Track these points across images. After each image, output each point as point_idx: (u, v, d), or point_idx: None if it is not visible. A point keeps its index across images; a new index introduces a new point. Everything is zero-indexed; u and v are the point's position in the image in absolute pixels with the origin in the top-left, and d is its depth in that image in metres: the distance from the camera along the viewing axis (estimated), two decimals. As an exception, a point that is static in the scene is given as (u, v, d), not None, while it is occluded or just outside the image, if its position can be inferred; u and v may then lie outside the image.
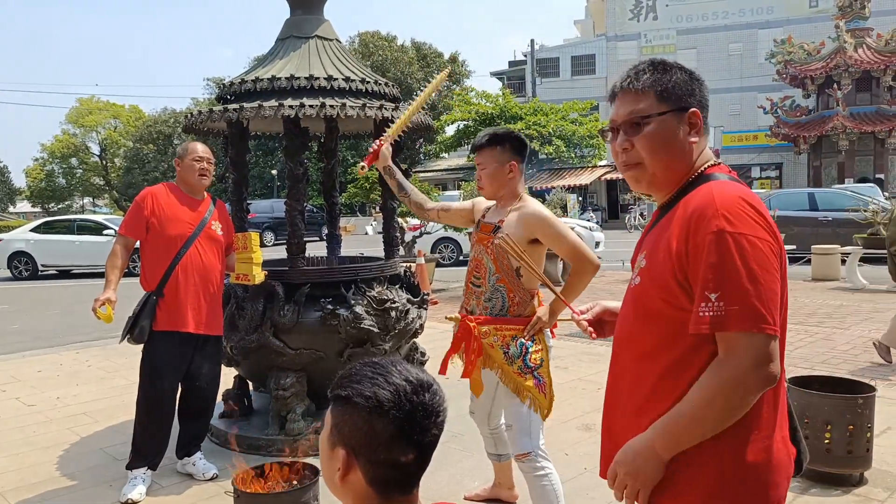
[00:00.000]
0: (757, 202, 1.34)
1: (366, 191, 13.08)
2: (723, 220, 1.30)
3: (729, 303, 1.27)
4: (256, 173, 38.94)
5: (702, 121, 1.46)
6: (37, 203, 55.13)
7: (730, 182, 1.40)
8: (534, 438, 2.76)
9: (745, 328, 1.27)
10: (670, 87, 1.45)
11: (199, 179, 3.69)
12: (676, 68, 1.48)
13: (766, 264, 1.29)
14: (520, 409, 2.76)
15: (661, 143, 1.44)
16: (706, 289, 1.30)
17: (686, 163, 1.46)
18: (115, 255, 3.59)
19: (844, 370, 5.46)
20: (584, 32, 42.39)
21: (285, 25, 4.41)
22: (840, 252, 11.06)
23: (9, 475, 3.84)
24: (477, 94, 26.80)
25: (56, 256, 15.57)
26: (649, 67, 1.48)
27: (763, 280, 1.28)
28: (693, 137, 1.46)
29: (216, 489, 3.54)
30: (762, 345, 1.28)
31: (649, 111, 1.44)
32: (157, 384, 3.58)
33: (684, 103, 1.45)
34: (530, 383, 2.75)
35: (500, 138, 2.85)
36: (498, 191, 2.88)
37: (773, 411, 1.39)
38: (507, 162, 2.83)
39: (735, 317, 1.27)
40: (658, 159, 1.45)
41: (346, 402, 1.08)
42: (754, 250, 1.28)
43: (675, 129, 1.44)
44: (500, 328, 2.78)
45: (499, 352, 2.76)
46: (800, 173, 29.59)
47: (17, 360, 6.84)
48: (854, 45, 24.04)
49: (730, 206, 1.31)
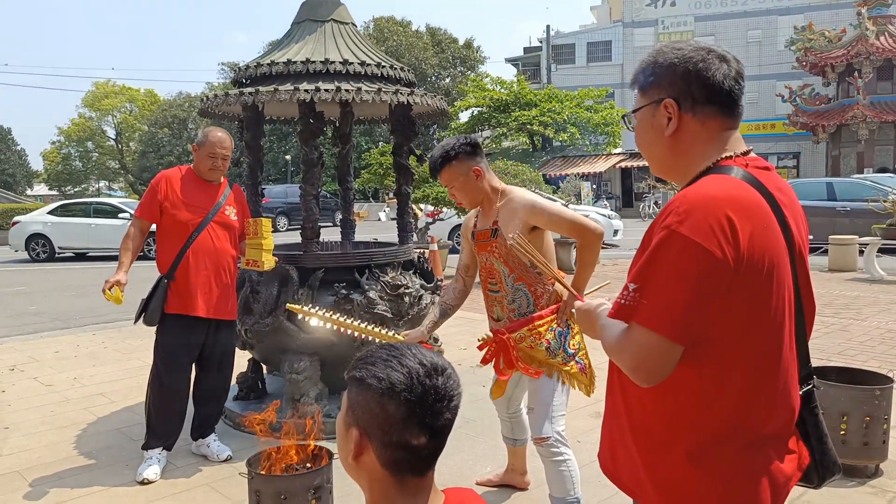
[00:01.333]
0: (739, 209, 1.24)
1: (379, 177, 13.07)
2: (677, 217, 1.24)
3: (643, 296, 1.25)
4: (271, 158, 39.05)
5: (677, 110, 1.37)
6: (53, 186, 55.65)
7: (725, 179, 1.30)
8: (555, 424, 2.74)
9: (647, 325, 1.24)
10: (653, 79, 1.40)
11: (209, 172, 3.69)
12: (671, 53, 1.39)
13: (694, 278, 1.21)
14: (543, 394, 2.74)
15: (641, 138, 1.46)
16: (631, 278, 1.29)
17: (670, 154, 1.41)
18: (129, 237, 3.62)
19: (861, 361, 5.41)
20: (600, 19, 41.98)
21: (301, 8, 4.39)
22: (858, 243, 10.94)
23: (26, 454, 3.89)
24: (491, 80, 26.67)
25: (73, 239, 15.72)
26: (642, 62, 1.45)
27: (684, 291, 1.21)
28: (669, 129, 1.38)
29: (230, 470, 3.57)
30: (655, 346, 1.23)
31: (634, 106, 1.47)
32: (170, 366, 3.62)
33: (662, 94, 1.38)
34: (574, 369, 2.76)
35: (449, 155, 2.78)
36: (476, 198, 2.85)
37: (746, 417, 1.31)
38: (468, 171, 2.78)
39: (642, 310, 1.25)
40: (645, 152, 1.48)
41: (361, 384, 1.09)
42: (690, 259, 1.21)
43: (649, 122, 1.42)
44: (533, 327, 2.73)
45: (540, 350, 2.73)
46: (818, 162, 29.24)
47: (35, 341, 6.94)
48: (876, 32, 23.66)
49: (693, 206, 1.24)
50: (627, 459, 1.44)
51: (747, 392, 1.31)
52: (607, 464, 1.55)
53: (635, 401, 1.41)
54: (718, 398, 1.30)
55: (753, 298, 1.27)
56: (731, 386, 1.30)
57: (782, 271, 1.30)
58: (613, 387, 1.50)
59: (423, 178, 11.04)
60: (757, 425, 1.32)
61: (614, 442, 1.50)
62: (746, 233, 1.23)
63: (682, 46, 1.40)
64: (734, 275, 1.23)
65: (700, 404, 1.31)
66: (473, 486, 3.34)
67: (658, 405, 1.35)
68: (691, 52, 1.37)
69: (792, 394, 1.38)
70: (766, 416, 1.33)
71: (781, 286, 1.30)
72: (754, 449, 1.32)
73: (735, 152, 1.38)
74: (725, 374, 1.29)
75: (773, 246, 1.28)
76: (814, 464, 1.41)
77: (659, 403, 1.35)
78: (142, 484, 3.45)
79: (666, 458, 1.35)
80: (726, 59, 1.37)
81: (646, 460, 1.39)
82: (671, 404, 1.33)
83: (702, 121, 1.38)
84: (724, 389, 1.30)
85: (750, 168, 1.35)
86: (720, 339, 1.27)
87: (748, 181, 1.32)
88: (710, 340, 1.27)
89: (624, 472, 1.47)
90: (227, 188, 3.80)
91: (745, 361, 1.29)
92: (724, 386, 1.30)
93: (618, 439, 1.49)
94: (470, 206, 2.91)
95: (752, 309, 1.27)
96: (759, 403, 1.32)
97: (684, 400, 1.31)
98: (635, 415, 1.41)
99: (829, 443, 1.43)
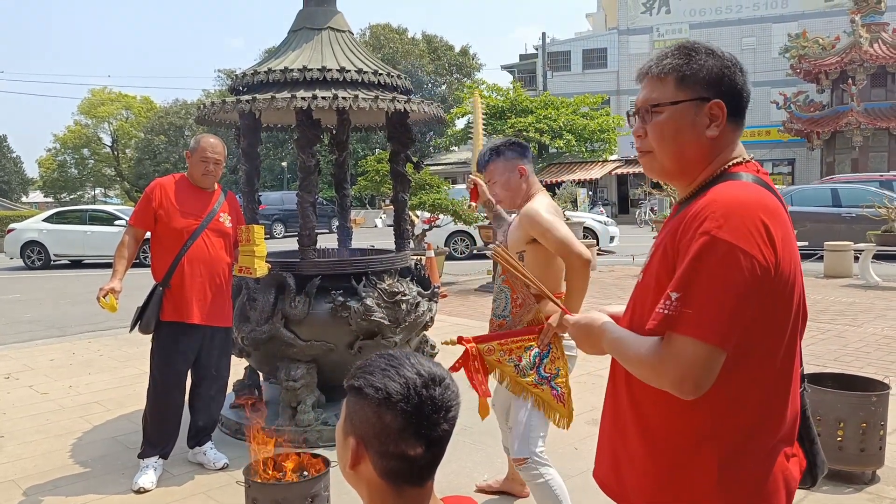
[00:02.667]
0: (770, 215, 1.23)
1: (376, 183, 13.07)
2: (716, 223, 1.21)
3: (686, 305, 1.20)
4: (267, 165, 39.02)
5: (725, 113, 1.35)
6: (49, 193, 55.51)
7: (748, 184, 1.29)
8: (531, 445, 2.69)
9: (694, 334, 1.20)
10: (691, 74, 1.35)
11: (202, 178, 3.70)
12: (705, 53, 1.36)
13: (741, 284, 1.18)
14: (520, 413, 2.72)
15: (672, 134, 1.37)
16: (672, 287, 1.24)
17: (700, 156, 1.37)
18: (124, 245, 3.63)
19: (857, 367, 5.42)
20: (595, 26, 42.14)
21: (298, 17, 4.40)
22: (853, 249, 10.96)
23: (21, 463, 3.87)
24: (488, 87, 26.69)
25: (68, 246, 15.68)
26: (675, 51, 1.39)
27: (731, 297, 1.19)
28: (711, 131, 1.34)
29: (227, 479, 3.56)
30: (702, 356, 1.19)
31: (663, 99, 1.37)
32: (166, 374, 3.62)
33: (706, 93, 1.34)
34: (548, 395, 2.69)
35: (501, 148, 2.89)
36: (515, 198, 2.88)
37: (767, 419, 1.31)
38: (514, 168, 2.85)
39: (687, 320, 1.20)
40: (665, 149, 1.39)
41: (359, 393, 1.09)
42: (736, 265, 1.18)
43: (690, 119, 1.35)
44: (505, 342, 2.73)
45: (508, 366, 2.72)
46: (813, 169, 29.34)
47: (30, 349, 6.91)
48: (869, 39, 23.77)
49: (730, 210, 1.22)
50: (638, 476, 1.40)
51: (769, 398, 1.30)
52: (609, 482, 1.51)
53: (653, 414, 1.37)
54: (746, 406, 1.29)
55: (781, 304, 1.26)
56: (757, 392, 1.29)
57: (800, 277, 1.31)
58: (619, 402, 1.46)
59: (419, 185, 11.05)
60: (774, 431, 1.32)
61: (619, 458, 1.47)
62: (779, 237, 1.23)
63: (713, 49, 1.38)
64: (772, 280, 1.22)
65: (728, 412, 1.29)
66: (472, 494, 3.33)
67: (684, 416, 1.31)
68: (729, 58, 1.38)
69: (796, 398, 1.38)
70: (780, 421, 1.33)
71: (800, 292, 1.31)
72: (773, 455, 1.32)
73: (744, 157, 1.39)
74: (754, 381, 1.28)
75: (795, 251, 1.29)
76: (808, 466, 1.43)
77: (686, 414, 1.31)
78: (137, 493, 3.43)
79: (690, 469, 1.32)
80: (744, 71, 1.41)
81: (666, 474, 1.35)
82: (700, 414, 1.29)
83: (734, 128, 1.39)
84: (751, 396, 1.29)
85: (760, 174, 1.36)
86: (753, 346, 1.26)
87: (763, 186, 1.32)
88: (744, 347, 1.25)
89: (632, 489, 1.43)
90: (222, 195, 3.81)
91: (770, 367, 1.29)
92: (750, 392, 1.29)
93: (623, 456, 1.45)
94: (508, 204, 2.94)
95: (780, 315, 1.27)
96: (777, 409, 1.32)
97: (715, 409, 1.28)
98: (652, 429, 1.37)
99: (818, 443, 1.45)
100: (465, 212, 11.20)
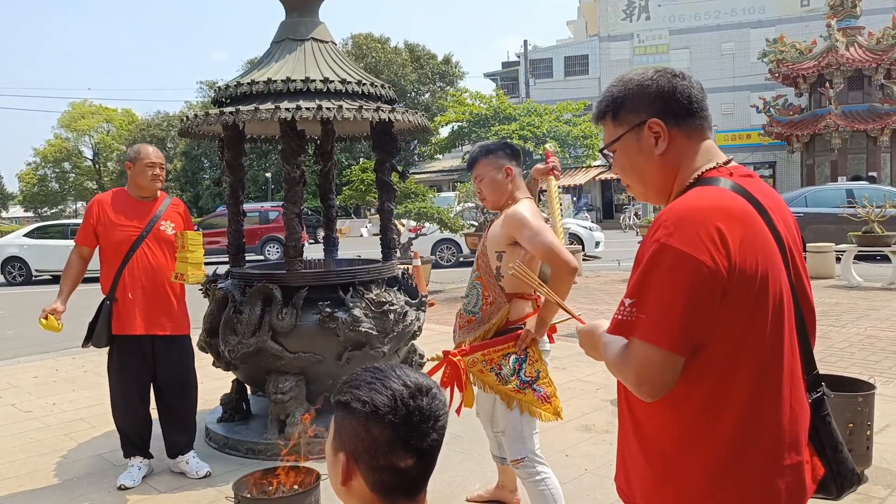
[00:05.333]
0: (728, 219, 1.26)
1: (361, 193, 13.05)
2: (667, 230, 1.25)
3: (640, 311, 1.26)
4: (251, 176, 38.83)
5: (665, 127, 1.39)
6: (29, 208, 54.91)
7: (711, 190, 1.32)
8: (527, 444, 2.75)
9: (646, 339, 1.24)
10: (619, 107, 1.43)
11: (151, 183, 3.73)
12: (628, 81, 1.44)
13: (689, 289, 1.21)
14: (511, 415, 2.76)
15: (628, 165, 1.46)
16: (627, 293, 1.30)
17: (661, 173, 1.42)
18: (70, 265, 3.71)
19: (842, 368, 5.47)
20: (576, 33, 42.45)
21: (281, 28, 4.40)
22: (835, 250, 11.08)
23: (6, 482, 3.81)
24: (471, 95, 26.77)
25: (50, 261, 15.44)
26: (605, 92, 1.48)
27: (680, 302, 1.22)
28: (659, 148, 1.40)
29: (216, 494, 3.52)
30: (656, 359, 1.23)
31: (609, 139, 1.47)
32: (121, 387, 3.68)
33: (639, 118, 1.41)
34: (531, 397, 2.74)
35: (492, 148, 2.93)
36: (500, 199, 2.91)
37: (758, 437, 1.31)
38: (501, 168, 2.88)
39: (640, 325, 1.25)
40: (631, 179, 1.48)
41: (346, 408, 1.08)
42: (683, 270, 1.22)
43: (635, 147, 1.42)
44: (487, 353, 2.76)
45: (490, 375, 2.75)
46: (793, 172, 29.67)
47: (13, 367, 6.81)
48: (846, 43, 24.10)
49: (681, 218, 1.26)
50: (641, 481, 1.43)
51: (755, 400, 1.30)
52: (623, 488, 1.53)
53: (645, 419, 1.40)
54: (726, 408, 1.30)
55: (749, 305, 1.27)
56: (736, 395, 1.30)
57: (777, 276, 1.31)
58: (622, 408, 1.49)
59: (405, 194, 11.04)
60: (767, 436, 1.31)
61: (627, 465, 1.49)
62: (737, 241, 1.25)
63: (641, 72, 1.45)
64: (727, 283, 1.24)
65: (708, 415, 1.30)
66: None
67: (667, 421, 1.35)
68: (654, 74, 1.43)
69: (801, 402, 1.37)
70: (775, 427, 1.32)
71: (777, 292, 1.31)
72: (772, 462, 1.31)
73: (718, 162, 1.41)
74: (729, 383, 1.29)
75: (765, 252, 1.29)
76: (830, 474, 1.40)
77: (668, 419, 1.34)
78: (119, 490, 3.52)
79: (681, 475, 1.34)
80: (683, 75, 1.43)
81: (661, 479, 1.37)
82: (679, 418, 1.33)
83: (687, 134, 1.41)
84: (730, 399, 1.30)
85: (735, 177, 1.38)
86: (720, 348, 1.28)
87: (735, 190, 1.33)
88: (710, 350, 1.27)
89: (638, 494, 1.45)
90: (165, 202, 3.81)
91: (746, 369, 1.29)
92: (729, 395, 1.30)
93: (630, 462, 1.47)
94: (493, 205, 2.96)
95: (749, 316, 1.28)
96: (769, 413, 1.32)
97: (693, 412, 1.31)
98: (645, 434, 1.40)
99: (844, 451, 1.42)
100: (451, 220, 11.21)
